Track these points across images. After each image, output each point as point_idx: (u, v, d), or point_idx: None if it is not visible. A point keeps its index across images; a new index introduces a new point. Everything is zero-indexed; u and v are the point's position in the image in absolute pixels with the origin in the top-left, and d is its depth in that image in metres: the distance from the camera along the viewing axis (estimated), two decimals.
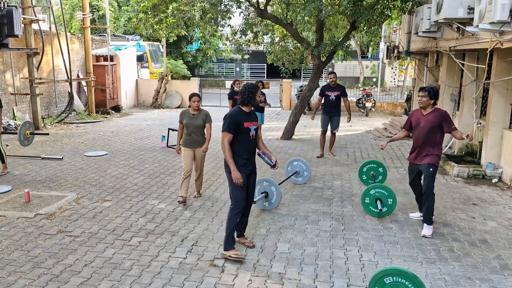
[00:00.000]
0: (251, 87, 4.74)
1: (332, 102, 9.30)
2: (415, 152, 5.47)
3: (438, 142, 5.34)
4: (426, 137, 5.32)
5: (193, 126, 6.21)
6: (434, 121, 5.27)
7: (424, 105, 5.35)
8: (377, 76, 28.02)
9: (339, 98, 9.31)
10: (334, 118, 9.36)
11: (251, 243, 5.01)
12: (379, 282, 3.53)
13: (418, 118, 5.44)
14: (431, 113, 5.33)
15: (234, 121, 4.64)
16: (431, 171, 5.31)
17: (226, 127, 4.64)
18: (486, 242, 5.20)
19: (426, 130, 5.31)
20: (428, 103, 5.32)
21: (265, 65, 31.71)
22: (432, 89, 5.33)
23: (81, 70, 15.90)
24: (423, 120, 5.36)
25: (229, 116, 4.68)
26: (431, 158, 5.31)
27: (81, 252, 4.77)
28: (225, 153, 4.64)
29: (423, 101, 5.32)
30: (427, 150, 5.33)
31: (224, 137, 4.64)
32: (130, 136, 11.71)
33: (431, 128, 5.29)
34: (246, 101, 4.71)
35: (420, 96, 5.33)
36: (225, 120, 4.68)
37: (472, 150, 9.20)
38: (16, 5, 9.94)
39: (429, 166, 5.31)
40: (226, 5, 11.22)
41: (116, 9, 27.45)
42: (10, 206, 6.16)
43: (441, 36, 9.44)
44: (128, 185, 7.29)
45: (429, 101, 5.31)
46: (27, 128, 8.69)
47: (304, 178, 7.48)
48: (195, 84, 18.75)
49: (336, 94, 9.25)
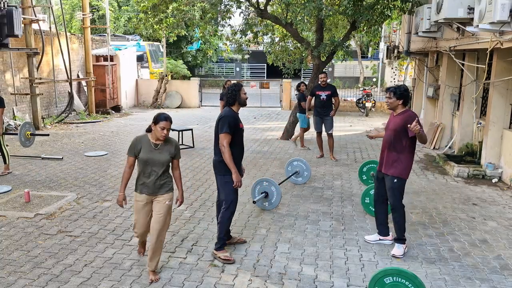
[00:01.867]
0: (234, 86, 4.68)
1: (323, 102, 9.14)
2: (380, 157, 4.95)
3: (404, 148, 4.70)
4: (391, 142, 4.76)
5: (155, 163, 4.19)
6: (399, 123, 4.68)
7: (391, 107, 4.82)
8: (377, 76, 28.02)
9: (330, 98, 9.17)
10: (326, 118, 9.19)
11: (240, 239, 5.07)
12: (379, 282, 3.53)
13: (389, 120, 4.94)
14: (399, 114, 4.77)
15: (233, 121, 4.54)
16: (395, 182, 4.73)
17: (227, 128, 4.47)
18: (486, 242, 5.20)
19: (391, 134, 4.76)
20: (396, 104, 4.75)
21: (265, 65, 31.72)
22: (398, 88, 4.77)
23: (81, 70, 15.90)
24: (392, 122, 4.84)
25: (228, 116, 4.55)
26: (395, 169, 4.73)
27: (81, 252, 4.77)
28: (226, 155, 4.48)
29: (390, 102, 4.79)
30: (393, 158, 4.75)
31: (224, 139, 4.48)
32: (130, 136, 11.71)
33: (395, 131, 4.71)
34: (231, 100, 4.63)
35: (387, 98, 4.82)
36: (224, 121, 4.51)
37: (472, 150, 9.20)
38: (16, 5, 9.95)
39: (393, 178, 4.74)
40: (226, 5, 11.22)
41: (116, 9, 27.45)
42: (10, 206, 6.16)
43: (441, 36, 9.45)
44: (128, 185, 7.26)
45: (397, 102, 4.74)
46: (28, 129, 8.69)
47: (304, 178, 7.48)
48: (195, 84, 18.76)
49: (327, 93, 9.12)
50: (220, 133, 4.52)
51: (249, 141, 11.26)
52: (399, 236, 4.86)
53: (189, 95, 18.68)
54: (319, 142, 9.55)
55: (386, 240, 5.10)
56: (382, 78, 28.36)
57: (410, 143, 4.72)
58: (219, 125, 4.56)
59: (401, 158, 4.72)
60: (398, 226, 4.85)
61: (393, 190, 4.78)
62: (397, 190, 4.78)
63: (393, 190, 4.78)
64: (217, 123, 4.61)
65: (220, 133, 4.52)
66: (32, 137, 8.83)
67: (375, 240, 5.13)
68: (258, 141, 11.27)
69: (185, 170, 8.28)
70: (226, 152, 4.49)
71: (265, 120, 15.17)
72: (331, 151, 9.42)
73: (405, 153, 4.72)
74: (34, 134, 8.95)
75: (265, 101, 19.33)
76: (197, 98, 18.68)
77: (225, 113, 4.60)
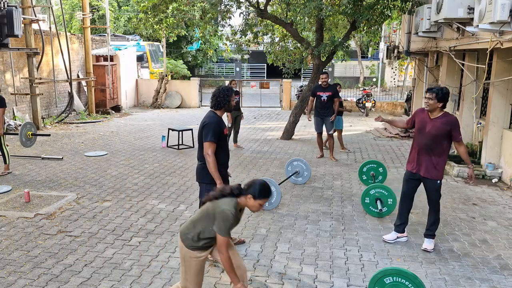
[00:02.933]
0: (226, 90, 4.44)
1: (323, 103, 9.02)
2: (416, 160, 4.88)
3: (444, 151, 4.76)
4: (431, 145, 4.71)
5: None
6: (442, 128, 4.64)
7: (431, 108, 4.68)
8: (377, 76, 28.02)
9: (331, 99, 9.02)
10: (326, 119, 9.07)
11: (240, 239, 5.06)
12: (379, 282, 3.53)
13: (423, 121, 4.79)
14: (439, 118, 4.68)
15: (218, 128, 4.33)
16: (439, 184, 4.83)
17: (212, 136, 4.25)
18: (486, 242, 5.20)
19: (432, 137, 4.69)
20: (436, 106, 4.64)
21: (265, 65, 31.71)
22: (441, 90, 4.63)
23: (81, 70, 15.90)
24: (430, 124, 4.72)
25: (212, 123, 4.32)
26: (437, 172, 4.77)
27: (81, 252, 4.77)
28: (211, 165, 4.27)
29: (430, 104, 4.65)
30: (432, 161, 4.75)
31: (209, 148, 4.26)
32: (130, 136, 11.71)
33: (438, 135, 4.66)
34: (220, 104, 4.40)
35: (427, 98, 4.66)
36: (208, 128, 4.29)
37: (472, 150, 9.20)
38: (16, 5, 9.94)
39: (437, 181, 4.82)
40: (226, 5, 11.23)
41: (116, 9, 27.46)
42: (10, 206, 6.16)
43: (441, 36, 9.45)
44: (128, 185, 7.29)
45: (437, 104, 4.63)
46: (29, 129, 8.68)
47: (304, 178, 7.48)
48: (195, 84, 18.75)
49: (328, 94, 8.98)
50: (204, 141, 4.32)
51: (249, 141, 11.26)
52: (433, 232, 4.98)
53: (189, 95, 18.68)
54: (319, 143, 9.51)
55: (402, 238, 5.18)
56: (382, 78, 28.36)
57: (448, 145, 4.81)
58: (203, 132, 4.34)
59: (441, 161, 4.81)
60: (435, 223, 4.97)
61: (437, 191, 4.89)
62: (439, 191, 4.91)
63: (437, 191, 4.89)
64: (200, 129, 4.40)
65: (204, 141, 4.32)
66: (33, 137, 8.81)
67: (393, 239, 5.14)
68: (258, 141, 11.27)
69: (185, 170, 8.28)
70: (211, 162, 4.28)
71: (265, 120, 15.17)
72: (331, 151, 9.37)
73: (444, 155, 4.81)
74: (35, 134, 8.93)
75: (265, 101, 19.33)
76: (197, 98, 18.68)
77: (209, 119, 4.38)
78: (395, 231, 5.21)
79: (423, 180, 4.92)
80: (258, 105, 18.86)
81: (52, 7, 13.57)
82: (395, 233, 5.19)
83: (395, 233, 5.20)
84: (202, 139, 4.37)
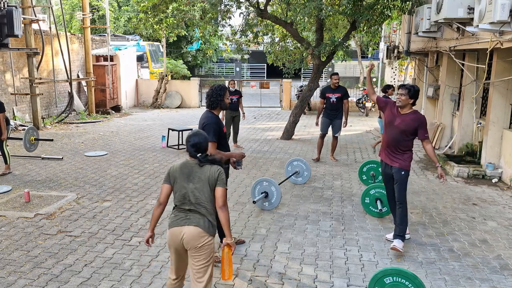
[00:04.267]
0: (219, 89, 4.47)
1: (333, 105, 8.83)
2: (385, 151, 5.03)
3: (410, 146, 4.90)
4: (399, 139, 4.84)
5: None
6: (410, 124, 4.77)
7: (403, 104, 4.81)
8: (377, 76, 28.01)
9: (341, 100, 8.82)
10: (335, 121, 8.91)
11: (240, 239, 5.07)
12: (379, 282, 3.53)
13: (393, 115, 4.92)
14: (408, 114, 4.81)
15: (217, 127, 4.39)
16: (403, 174, 4.86)
17: (213, 136, 4.30)
18: (486, 242, 5.20)
19: (400, 132, 4.82)
20: (407, 102, 4.79)
21: (265, 65, 31.70)
22: (413, 87, 4.79)
23: (81, 70, 15.90)
24: (399, 119, 4.85)
25: (212, 123, 4.37)
26: (403, 162, 4.85)
27: (81, 252, 4.77)
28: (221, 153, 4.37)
29: (402, 99, 4.78)
30: (398, 153, 4.88)
31: (212, 147, 4.28)
32: (130, 136, 11.71)
33: (405, 131, 4.80)
34: (214, 104, 4.45)
35: (400, 94, 4.80)
36: (208, 128, 4.31)
37: (472, 150, 9.20)
38: (16, 5, 9.93)
39: (401, 170, 4.86)
40: (226, 5, 11.22)
41: (116, 9, 27.46)
42: (10, 206, 6.16)
43: (441, 36, 9.44)
44: (128, 185, 7.29)
45: (409, 100, 4.78)
46: (32, 134, 8.76)
47: (304, 178, 7.48)
48: (195, 84, 18.76)
49: (337, 96, 8.78)
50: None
51: (249, 141, 11.26)
52: (400, 233, 4.89)
53: (189, 95, 18.68)
54: (319, 145, 9.20)
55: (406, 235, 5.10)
56: (382, 78, 28.36)
57: (412, 142, 4.92)
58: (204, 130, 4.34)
59: (407, 154, 4.89)
60: (403, 222, 4.89)
61: (401, 183, 4.88)
62: (403, 183, 4.89)
63: (400, 183, 4.88)
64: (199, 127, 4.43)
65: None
66: (36, 142, 8.88)
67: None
68: (258, 141, 11.27)
69: None
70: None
71: (265, 120, 15.18)
72: (332, 152, 9.26)
73: (410, 149, 4.90)
74: (38, 139, 8.99)
75: (265, 101, 19.33)
76: (197, 98, 18.68)
77: (208, 119, 4.42)
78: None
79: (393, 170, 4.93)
80: (258, 105, 18.86)
81: (52, 7, 13.57)
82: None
83: None
84: None
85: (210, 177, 3.27)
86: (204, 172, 3.28)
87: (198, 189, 3.25)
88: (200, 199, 3.25)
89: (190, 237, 3.20)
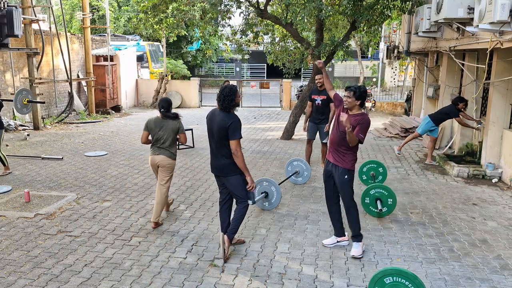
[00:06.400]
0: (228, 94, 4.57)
1: (318, 108, 8.14)
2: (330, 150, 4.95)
3: (354, 147, 4.77)
4: (341, 140, 4.75)
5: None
6: (354, 124, 4.65)
7: (349, 106, 4.74)
8: (377, 76, 28.02)
9: (327, 103, 8.02)
10: (322, 126, 8.21)
11: (240, 240, 5.08)
12: (379, 282, 3.53)
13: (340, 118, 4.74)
14: (354, 116, 4.72)
15: (241, 125, 4.61)
16: (346, 178, 4.77)
17: (240, 133, 4.55)
18: (486, 242, 5.20)
19: (342, 133, 4.72)
20: (354, 104, 4.71)
21: (265, 65, 31.71)
22: (358, 88, 4.72)
23: (81, 70, 15.90)
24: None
25: (237, 121, 4.55)
26: (345, 163, 4.76)
27: (81, 252, 4.77)
28: (241, 159, 4.57)
29: (348, 101, 4.71)
30: (342, 153, 4.79)
31: (238, 145, 4.54)
32: (130, 136, 11.71)
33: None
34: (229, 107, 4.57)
35: (346, 97, 4.75)
36: (235, 126, 4.51)
37: (472, 150, 9.21)
38: (16, 5, 9.93)
39: (343, 173, 4.76)
40: (226, 5, 11.22)
41: (116, 9, 27.47)
42: (10, 206, 6.16)
43: (441, 36, 9.45)
44: (128, 185, 7.29)
45: (355, 102, 4.71)
46: (25, 96, 8.56)
47: (304, 178, 7.48)
48: (195, 84, 18.76)
49: (322, 98, 8.07)
50: (233, 139, 4.50)
51: (249, 141, 11.26)
52: (356, 233, 4.84)
53: (189, 95, 18.69)
54: (307, 152, 8.55)
55: (343, 242, 5.04)
56: (382, 78, 28.36)
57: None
58: (228, 131, 4.48)
59: (349, 155, 4.77)
60: (354, 223, 4.85)
61: (343, 185, 4.79)
62: (347, 185, 4.79)
63: (343, 185, 4.79)
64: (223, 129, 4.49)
65: (233, 139, 4.50)
66: (29, 104, 8.74)
67: (333, 243, 5.02)
68: (258, 141, 11.27)
69: (185, 170, 8.29)
70: (241, 157, 4.56)
71: (265, 120, 15.18)
72: (323, 159, 8.40)
73: (353, 150, 4.79)
74: (31, 101, 8.90)
75: (265, 101, 19.33)
76: (197, 98, 18.69)
77: (231, 118, 4.53)
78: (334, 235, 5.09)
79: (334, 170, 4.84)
80: (258, 105, 18.85)
81: (52, 7, 13.58)
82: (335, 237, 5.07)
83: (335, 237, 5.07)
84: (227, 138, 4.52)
85: (173, 127, 5.48)
86: (169, 124, 5.48)
87: (165, 134, 5.46)
88: (166, 140, 5.46)
89: (160, 161, 5.51)
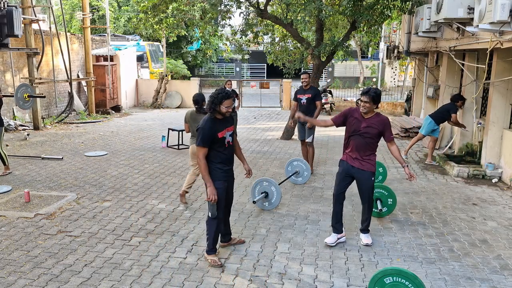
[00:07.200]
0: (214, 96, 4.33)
1: (303, 107, 7.93)
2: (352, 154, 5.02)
3: (375, 148, 5.02)
4: (367, 143, 4.92)
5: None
6: (376, 127, 4.88)
7: (367, 111, 4.87)
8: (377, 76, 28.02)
9: (312, 102, 7.96)
10: (306, 125, 7.92)
11: (240, 240, 5.05)
12: (379, 282, 3.53)
13: (358, 121, 4.94)
14: (373, 117, 4.91)
15: (207, 133, 4.32)
16: (372, 180, 5.02)
17: (200, 141, 4.32)
18: (486, 242, 5.20)
19: (368, 135, 4.90)
20: (372, 108, 4.87)
21: (265, 65, 31.70)
22: (375, 93, 4.83)
23: (81, 70, 15.90)
24: (364, 123, 4.91)
25: (202, 128, 4.34)
26: (371, 166, 4.97)
27: (81, 252, 4.77)
28: (201, 168, 4.37)
29: (367, 107, 4.83)
30: (367, 156, 4.96)
31: (199, 152, 4.35)
32: (130, 136, 11.72)
33: (372, 134, 4.90)
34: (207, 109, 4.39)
35: (364, 102, 4.84)
36: (199, 132, 4.35)
37: (472, 150, 9.21)
38: (16, 5, 9.93)
39: (370, 176, 4.97)
40: (226, 5, 11.23)
41: (116, 9, 27.47)
42: (10, 206, 6.16)
43: (441, 36, 9.45)
44: (128, 185, 7.29)
45: (373, 107, 4.86)
46: (25, 91, 8.62)
47: (304, 178, 7.48)
48: (195, 84, 18.75)
49: (307, 97, 7.96)
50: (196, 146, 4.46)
51: (249, 141, 11.26)
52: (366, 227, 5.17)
53: (189, 95, 18.63)
54: (303, 152, 8.43)
55: (342, 238, 5.12)
56: (382, 78, 28.37)
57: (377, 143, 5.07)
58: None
59: (373, 156, 5.05)
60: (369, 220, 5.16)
61: (370, 189, 5.05)
62: (372, 188, 5.10)
63: (370, 188, 5.05)
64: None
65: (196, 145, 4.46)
66: (30, 99, 8.85)
67: (335, 241, 5.04)
68: (258, 141, 11.27)
69: (185, 170, 8.28)
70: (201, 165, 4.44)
71: (265, 120, 15.18)
72: (310, 162, 8.14)
73: (375, 151, 5.07)
74: (32, 96, 9.00)
75: (265, 101, 19.33)
76: None
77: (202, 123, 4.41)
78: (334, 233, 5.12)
79: (358, 173, 5.00)
80: (258, 105, 18.85)
81: (52, 7, 13.57)
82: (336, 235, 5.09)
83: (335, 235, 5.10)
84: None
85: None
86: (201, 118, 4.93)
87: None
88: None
89: (193, 149, 6.03)
